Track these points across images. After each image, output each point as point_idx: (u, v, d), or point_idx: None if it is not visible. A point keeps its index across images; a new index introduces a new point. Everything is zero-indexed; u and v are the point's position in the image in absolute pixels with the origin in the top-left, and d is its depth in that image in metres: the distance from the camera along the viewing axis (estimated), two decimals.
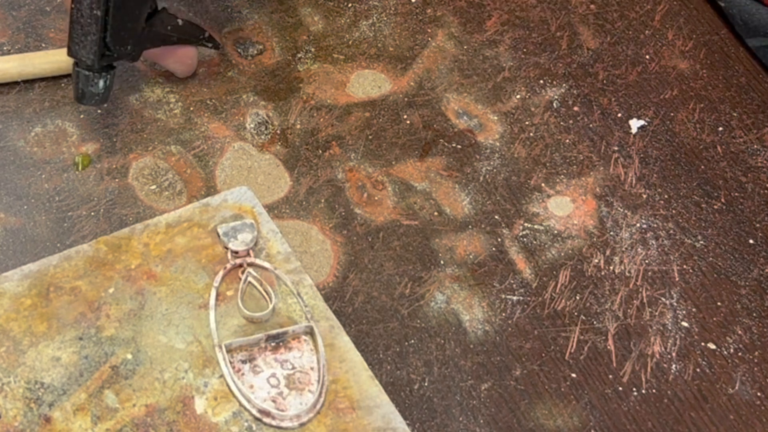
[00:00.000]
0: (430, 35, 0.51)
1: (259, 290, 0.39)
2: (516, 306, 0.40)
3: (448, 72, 0.49)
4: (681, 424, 0.38)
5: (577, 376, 0.39)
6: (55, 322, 0.37)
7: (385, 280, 0.41)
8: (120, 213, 0.42)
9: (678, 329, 0.40)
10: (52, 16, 0.49)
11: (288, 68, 0.48)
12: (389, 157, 0.45)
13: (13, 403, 0.35)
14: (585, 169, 0.46)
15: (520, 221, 0.43)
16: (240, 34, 0.49)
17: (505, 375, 0.38)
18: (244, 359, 0.37)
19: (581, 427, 0.37)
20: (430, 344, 0.39)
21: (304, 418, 0.35)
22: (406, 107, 0.47)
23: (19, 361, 0.36)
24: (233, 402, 0.35)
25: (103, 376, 0.36)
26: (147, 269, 0.39)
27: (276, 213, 0.42)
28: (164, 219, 0.40)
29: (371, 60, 0.49)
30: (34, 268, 0.38)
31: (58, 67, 0.46)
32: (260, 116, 0.46)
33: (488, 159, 0.46)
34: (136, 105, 0.46)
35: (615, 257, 0.42)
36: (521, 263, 0.42)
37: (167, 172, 0.43)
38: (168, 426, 0.35)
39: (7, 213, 0.41)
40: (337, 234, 0.42)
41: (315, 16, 0.51)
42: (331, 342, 0.37)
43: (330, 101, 0.47)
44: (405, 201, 0.44)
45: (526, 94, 0.48)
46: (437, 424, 0.37)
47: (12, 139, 0.44)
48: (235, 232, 0.40)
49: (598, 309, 0.41)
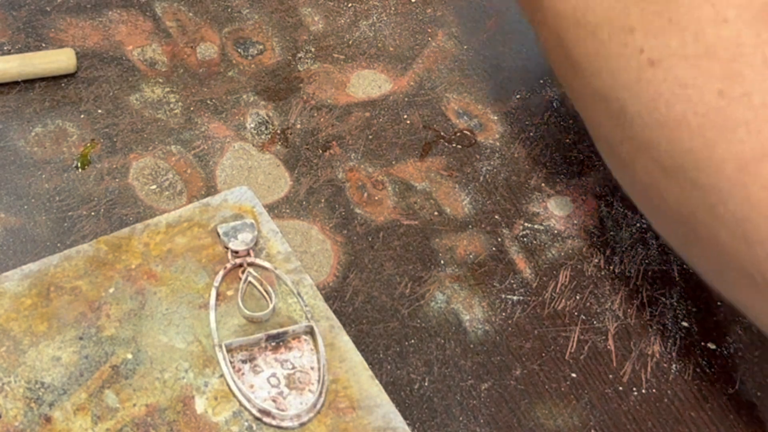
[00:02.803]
0: (430, 35, 0.51)
1: (259, 290, 0.39)
2: (516, 306, 0.40)
3: (448, 72, 0.49)
4: (681, 424, 0.38)
5: (577, 376, 0.39)
6: (55, 321, 0.37)
7: (385, 280, 0.41)
8: (120, 213, 0.42)
9: (678, 329, 0.40)
10: (52, 16, 0.49)
11: (288, 68, 0.48)
12: (389, 157, 0.45)
13: (13, 403, 0.35)
14: (585, 169, 0.46)
15: (520, 221, 0.43)
16: (240, 34, 0.49)
17: (505, 375, 0.38)
18: (245, 359, 0.37)
19: (581, 426, 0.37)
20: (430, 344, 0.39)
21: (305, 417, 0.35)
22: (406, 107, 0.47)
23: (19, 360, 0.36)
24: (233, 402, 0.35)
25: (104, 375, 0.36)
26: (147, 269, 0.39)
27: (276, 213, 0.42)
28: (164, 219, 0.40)
29: (371, 60, 0.49)
30: (34, 267, 0.38)
31: (58, 67, 0.46)
32: (260, 116, 0.46)
33: (488, 159, 0.46)
34: (136, 105, 0.46)
35: (615, 257, 0.43)
36: (521, 263, 0.42)
37: (167, 172, 0.43)
38: (168, 426, 0.35)
39: (7, 213, 0.41)
40: (337, 234, 0.42)
41: (315, 16, 0.51)
42: (331, 342, 0.37)
43: (330, 101, 0.47)
44: (405, 201, 0.44)
45: (526, 94, 0.49)
46: (437, 424, 0.37)
47: (12, 139, 0.44)
48: (236, 232, 0.40)
49: (598, 309, 0.41)
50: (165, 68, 0.47)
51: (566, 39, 0.36)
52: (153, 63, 0.47)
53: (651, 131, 0.33)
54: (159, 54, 0.48)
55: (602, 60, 0.34)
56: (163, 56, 0.48)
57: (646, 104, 0.32)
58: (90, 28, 0.49)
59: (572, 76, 0.37)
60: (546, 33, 0.38)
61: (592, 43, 0.34)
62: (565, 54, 0.36)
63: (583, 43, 0.35)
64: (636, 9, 0.33)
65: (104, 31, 0.49)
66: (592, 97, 0.36)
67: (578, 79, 0.36)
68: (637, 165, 0.34)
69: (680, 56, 0.31)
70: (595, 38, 0.34)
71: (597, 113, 0.36)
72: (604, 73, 0.34)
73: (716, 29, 0.31)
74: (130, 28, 0.49)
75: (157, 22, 0.49)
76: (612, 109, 0.34)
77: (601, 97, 0.35)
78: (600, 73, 0.34)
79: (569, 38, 0.36)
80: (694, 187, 0.32)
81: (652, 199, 0.35)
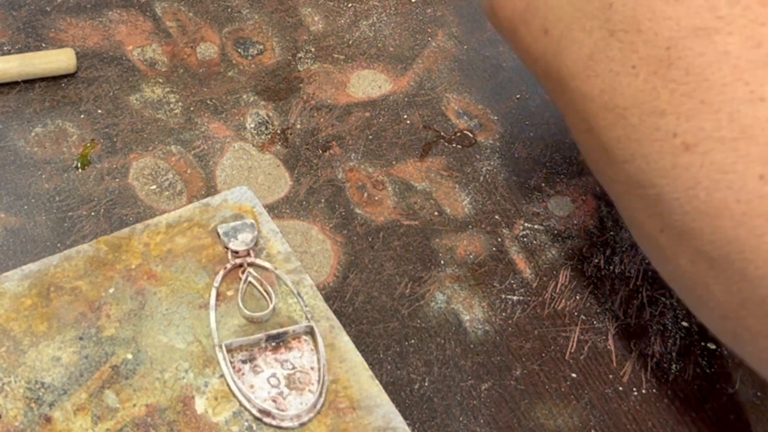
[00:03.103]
0: (430, 35, 0.51)
1: (259, 290, 0.39)
2: (516, 306, 0.41)
3: (448, 72, 0.49)
4: (681, 424, 0.38)
5: (577, 376, 0.39)
6: (55, 322, 0.37)
7: (385, 280, 0.41)
8: (120, 213, 0.42)
9: (678, 329, 0.40)
10: (52, 16, 0.49)
11: (288, 68, 0.48)
12: (389, 157, 0.45)
13: (13, 403, 0.35)
14: (585, 169, 0.46)
15: (521, 221, 0.43)
16: (240, 34, 0.49)
17: (506, 375, 0.38)
18: (245, 359, 0.37)
19: (581, 426, 0.37)
20: (431, 344, 0.39)
21: (305, 417, 0.35)
22: (406, 107, 0.47)
23: (19, 360, 0.36)
24: (233, 402, 0.35)
25: (104, 375, 0.36)
26: (147, 269, 0.39)
27: (276, 213, 0.42)
28: (164, 219, 0.40)
29: (371, 60, 0.49)
30: (34, 268, 0.38)
31: (58, 67, 0.46)
32: (260, 116, 0.46)
33: (488, 159, 0.46)
34: (136, 105, 0.46)
35: (615, 257, 0.43)
36: (521, 263, 0.42)
37: (167, 172, 0.43)
38: (168, 426, 0.35)
39: (7, 213, 0.41)
40: (338, 234, 0.42)
41: (315, 16, 0.51)
42: (331, 342, 0.37)
43: (330, 101, 0.47)
44: (405, 201, 0.44)
45: (526, 94, 0.49)
46: (437, 424, 0.37)
47: (12, 139, 0.44)
48: (236, 232, 0.40)
49: (598, 309, 0.41)
50: (165, 68, 0.47)
51: (595, 124, 0.34)
52: (153, 63, 0.47)
53: (692, 220, 0.31)
54: (159, 54, 0.48)
55: (635, 145, 0.32)
56: (163, 56, 0.48)
57: (685, 192, 0.30)
58: (90, 28, 0.49)
59: (604, 163, 0.35)
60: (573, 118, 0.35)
61: (622, 127, 0.32)
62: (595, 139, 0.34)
63: (613, 127, 0.33)
64: (665, 91, 0.31)
65: (104, 31, 0.49)
66: (626, 184, 0.34)
67: (610, 165, 0.34)
68: (679, 256, 0.32)
69: (716, 139, 0.29)
70: (626, 122, 0.32)
71: (632, 201, 0.34)
72: (637, 158, 0.32)
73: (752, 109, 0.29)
74: (130, 28, 0.49)
75: (157, 22, 0.49)
76: (648, 196, 0.32)
77: (636, 183, 0.33)
78: (633, 159, 0.32)
79: (598, 123, 0.33)
80: (743, 278, 0.29)
81: (697, 292, 0.33)
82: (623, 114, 0.32)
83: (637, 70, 0.32)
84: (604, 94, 0.33)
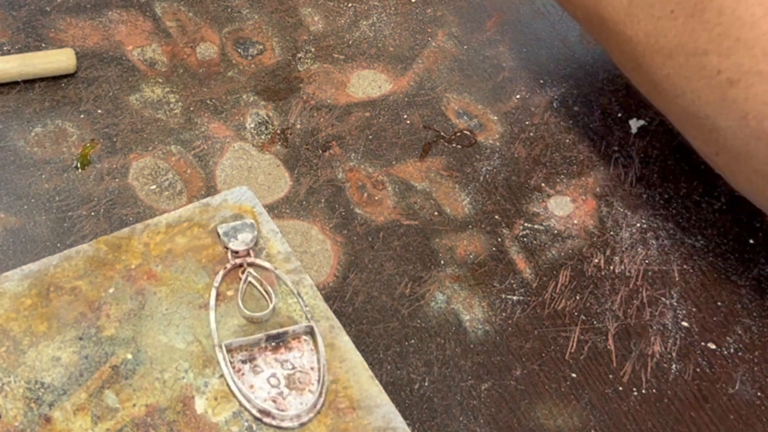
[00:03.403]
0: (430, 35, 0.51)
1: (259, 290, 0.39)
2: (516, 306, 0.40)
3: (448, 72, 0.49)
4: (681, 424, 0.38)
5: (577, 376, 0.39)
6: (55, 322, 0.37)
7: (385, 280, 0.41)
8: (120, 213, 0.42)
9: (678, 329, 0.40)
10: (52, 16, 0.49)
11: (288, 68, 0.48)
12: (389, 157, 0.45)
13: (13, 403, 0.35)
14: (585, 169, 0.46)
15: (520, 221, 0.43)
16: (240, 34, 0.49)
17: (506, 375, 0.38)
18: (244, 359, 0.37)
19: (581, 426, 0.37)
20: (431, 344, 0.39)
21: (305, 418, 0.35)
22: (406, 107, 0.47)
23: (19, 361, 0.36)
24: (233, 402, 0.35)
25: (104, 375, 0.36)
26: (147, 269, 0.39)
27: (276, 213, 0.42)
28: (164, 219, 0.40)
29: (371, 60, 0.49)
30: (34, 268, 0.38)
31: (58, 67, 0.46)
32: (260, 116, 0.46)
33: (488, 159, 0.46)
34: (136, 105, 0.46)
35: (615, 257, 0.43)
36: (521, 263, 0.42)
37: (167, 172, 0.43)
38: (168, 426, 0.35)
39: (7, 213, 0.41)
40: (337, 234, 0.42)
41: (315, 16, 0.51)
42: (331, 342, 0.37)
43: (330, 101, 0.47)
44: (405, 201, 0.44)
45: (526, 94, 0.49)
46: (437, 424, 0.37)
47: (12, 139, 0.44)
48: (235, 232, 0.40)
49: (598, 309, 0.41)
50: (165, 68, 0.47)
51: (644, 63, 0.36)
52: (153, 63, 0.47)
53: (746, 144, 0.33)
54: (159, 54, 0.48)
55: (684, 82, 0.34)
56: (163, 56, 0.48)
57: (736, 121, 0.33)
58: (90, 28, 0.49)
59: (657, 97, 0.37)
60: (620, 57, 0.38)
61: (671, 66, 0.35)
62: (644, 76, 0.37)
63: (662, 66, 0.35)
64: (703, 32, 0.33)
65: (104, 31, 0.49)
66: (681, 115, 0.36)
67: (663, 99, 0.37)
68: (737, 174, 0.35)
69: (755, 73, 0.32)
70: (674, 62, 0.34)
71: (689, 128, 0.37)
72: (688, 93, 0.35)
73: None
74: (130, 28, 0.49)
75: (157, 22, 0.49)
76: (703, 126, 0.35)
77: (690, 114, 0.35)
78: (684, 93, 0.35)
79: (647, 62, 0.36)
80: None
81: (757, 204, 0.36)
82: (670, 54, 0.34)
83: (676, 14, 0.34)
84: (649, 37, 0.35)
